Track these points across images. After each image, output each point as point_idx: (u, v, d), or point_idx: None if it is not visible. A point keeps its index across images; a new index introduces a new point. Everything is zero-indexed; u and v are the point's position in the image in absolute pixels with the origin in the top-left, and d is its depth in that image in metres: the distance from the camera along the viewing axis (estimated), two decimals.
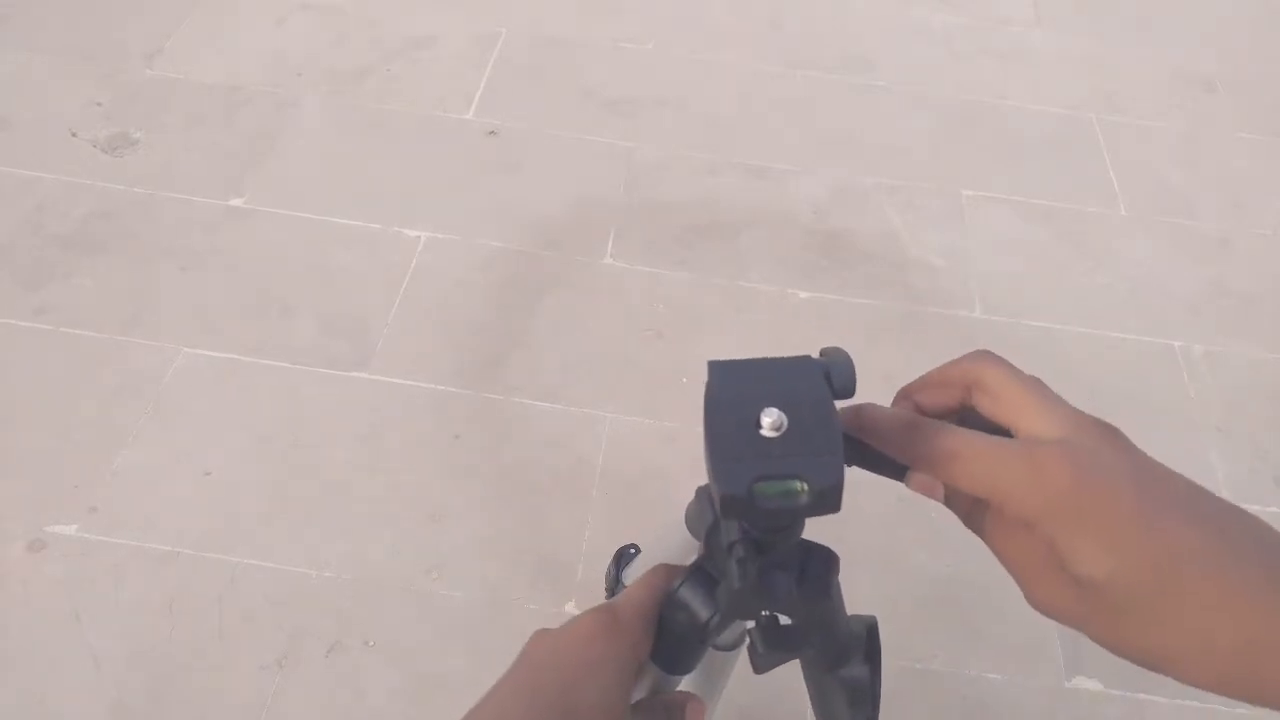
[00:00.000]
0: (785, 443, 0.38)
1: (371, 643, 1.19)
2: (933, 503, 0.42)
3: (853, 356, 0.42)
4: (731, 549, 0.43)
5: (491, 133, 1.87)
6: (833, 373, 0.41)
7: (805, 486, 0.37)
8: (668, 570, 0.50)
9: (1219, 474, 1.45)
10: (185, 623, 1.19)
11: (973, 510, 0.41)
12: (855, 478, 0.40)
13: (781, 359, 0.42)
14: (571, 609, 1.23)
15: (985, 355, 0.41)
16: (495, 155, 1.83)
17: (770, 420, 0.38)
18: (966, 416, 0.42)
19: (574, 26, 2.13)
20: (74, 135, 1.78)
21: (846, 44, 2.18)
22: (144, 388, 1.41)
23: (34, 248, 1.59)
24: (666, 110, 1.96)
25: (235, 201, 1.69)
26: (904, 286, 1.68)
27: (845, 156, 1.91)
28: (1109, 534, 0.35)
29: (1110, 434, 0.38)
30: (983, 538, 0.40)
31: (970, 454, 0.38)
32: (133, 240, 1.62)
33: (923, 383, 0.43)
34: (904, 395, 0.43)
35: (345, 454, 1.37)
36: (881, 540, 1.32)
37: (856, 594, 0.56)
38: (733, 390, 0.40)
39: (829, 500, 0.38)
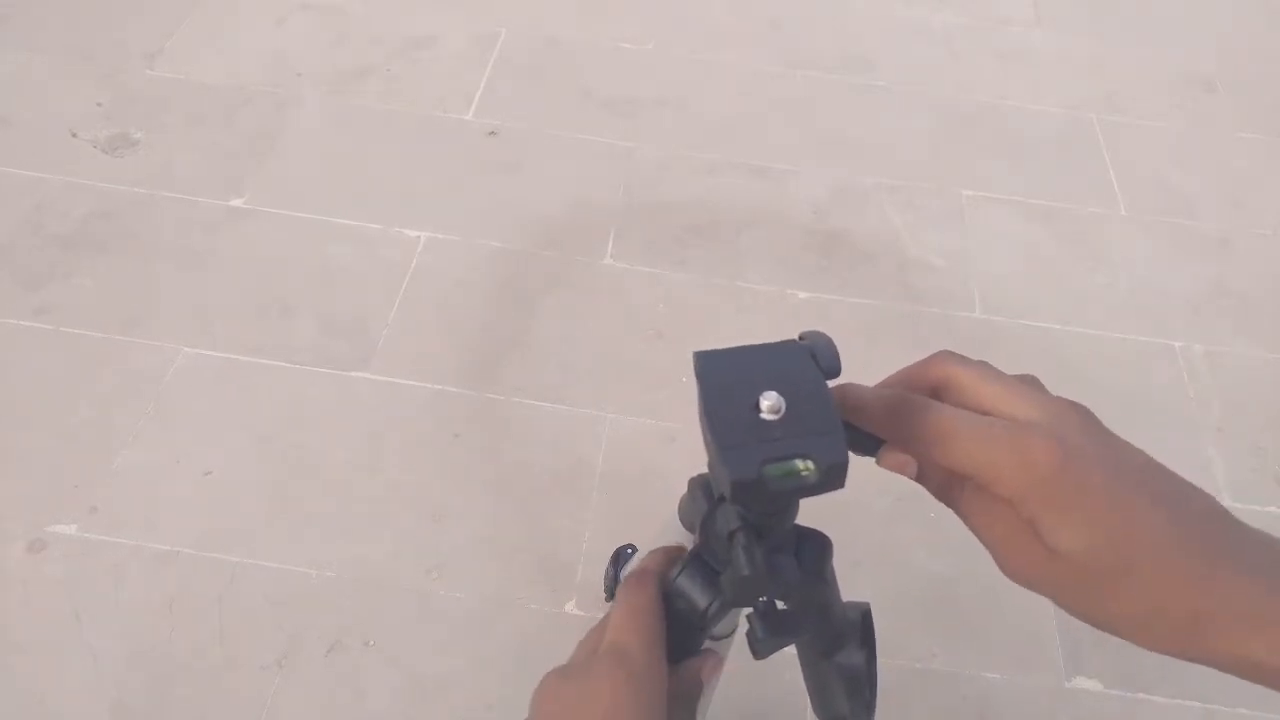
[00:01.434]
0: (786, 424, 0.39)
1: (371, 643, 1.19)
2: (932, 502, 0.42)
3: (853, 357, 0.43)
4: (733, 536, 0.43)
5: (491, 133, 1.87)
6: (817, 354, 0.42)
7: (812, 465, 0.38)
8: (660, 566, 0.50)
9: (1219, 474, 1.45)
10: (185, 623, 1.19)
11: (947, 484, 0.42)
12: (854, 477, 0.40)
13: (765, 345, 0.43)
14: (571, 609, 1.23)
15: (949, 355, 0.43)
16: (495, 155, 1.83)
17: (769, 403, 0.39)
18: None
19: (574, 26, 2.13)
20: (74, 135, 1.78)
21: (846, 44, 2.18)
22: (144, 388, 1.42)
23: (34, 248, 1.59)
24: (666, 110, 1.96)
25: (235, 201, 1.69)
26: (904, 286, 1.68)
27: (845, 156, 1.91)
28: (1086, 512, 0.37)
29: (1084, 416, 0.40)
30: (956, 510, 0.42)
31: (962, 433, 0.39)
32: (133, 240, 1.62)
33: (886, 385, 0.44)
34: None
35: (345, 454, 1.37)
36: (881, 539, 1.32)
37: (856, 594, 0.56)
38: (725, 378, 0.41)
39: (835, 477, 0.39)
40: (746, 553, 0.43)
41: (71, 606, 1.19)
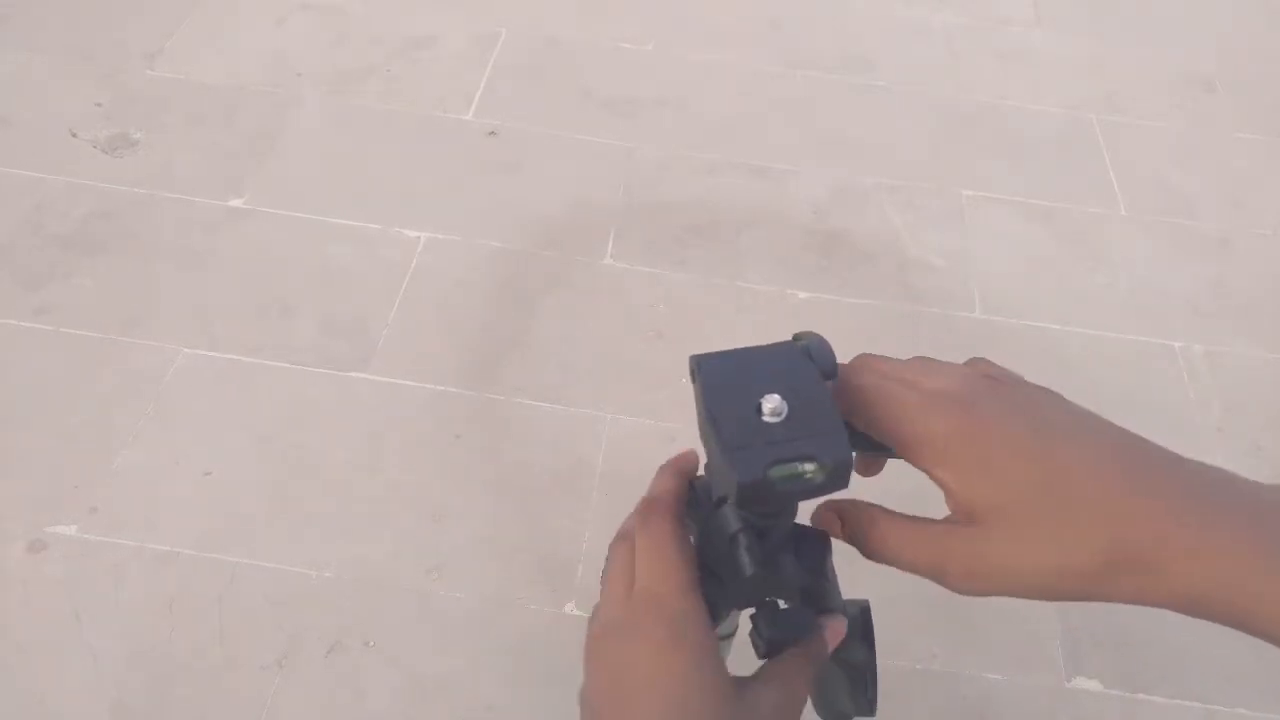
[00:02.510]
0: (789, 426, 0.39)
1: (371, 643, 1.19)
2: (933, 501, 0.42)
3: (852, 358, 0.43)
4: (735, 538, 0.43)
5: (491, 133, 1.87)
6: (813, 354, 0.42)
7: (818, 466, 0.38)
8: (673, 488, 0.48)
9: None
10: (185, 623, 1.19)
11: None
12: (854, 477, 0.40)
13: (762, 347, 0.43)
14: (571, 609, 1.23)
15: (865, 355, 0.45)
16: (495, 155, 1.83)
17: (771, 406, 0.39)
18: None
19: (574, 27, 2.13)
20: (74, 135, 1.78)
21: (846, 44, 2.18)
22: (144, 388, 1.42)
23: (34, 248, 1.59)
24: (666, 110, 1.96)
25: (235, 201, 1.69)
26: (904, 286, 1.68)
27: (845, 156, 1.91)
28: (995, 467, 0.38)
29: (991, 382, 0.41)
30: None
31: (876, 401, 0.41)
32: (133, 240, 1.62)
33: None
34: None
35: (345, 454, 1.37)
36: None
37: (857, 594, 0.56)
38: (725, 381, 0.41)
39: (841, 476, 0.39)
40: (750, 553, 0.43)
41: (71, 606, 1.19)
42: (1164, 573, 0.35)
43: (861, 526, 0.43)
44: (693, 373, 0.42)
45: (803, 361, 0.42)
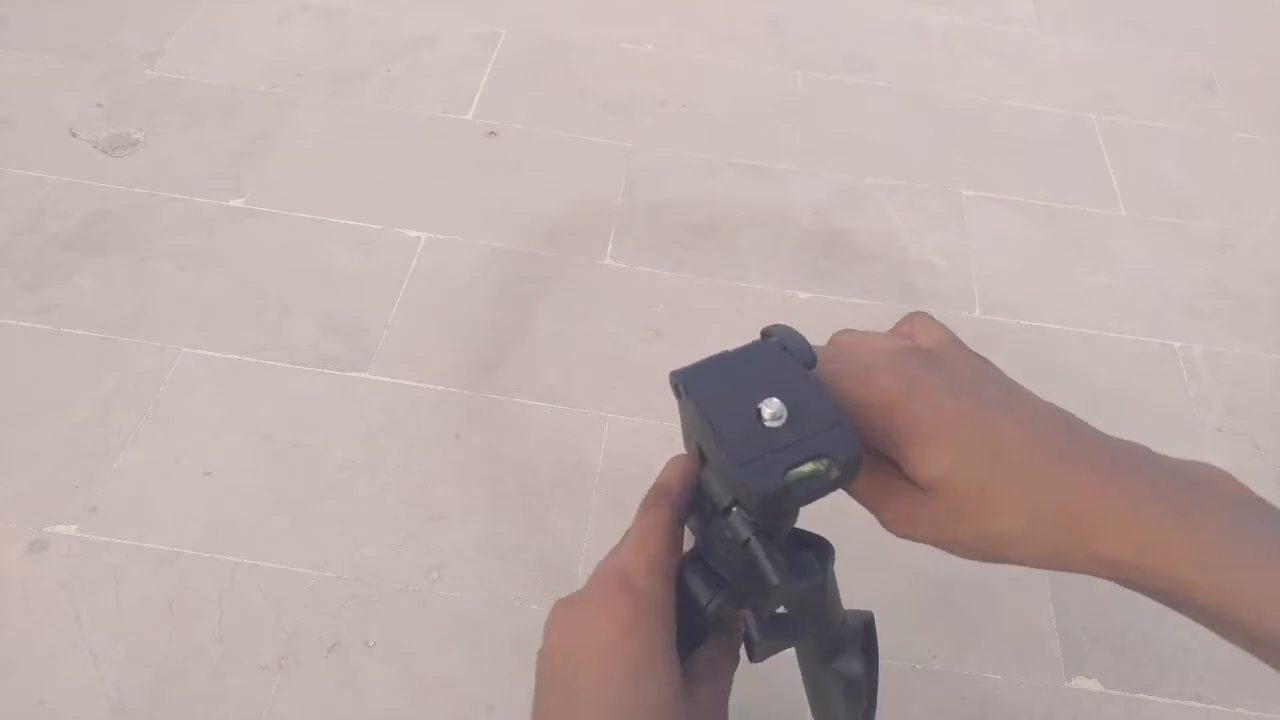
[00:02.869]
0: (793, 427, 0.39)
1: (371, 643, 1.19)
2: None
3: None
4: (748, 545, 0.43)
5: (491, 133, 1.87)
6: (789, 348, 0.42)
7: (831, 462, 0.38)
8: (678, 480, 0.48)
9: None
10: (185, 623, 1.19)
11: None
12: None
13: (737, 351, 0.43)
14: None
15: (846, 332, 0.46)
16: (495, 155, 1.83)
17: (771, 411, 0.39)
18: None
19: (574, 27, 2.13)
20: (74, 135, 1.78)
21: (847, 44, 2.18)
22: (144, 388, 1.42)
23: (34, 248, 1.59)
24: (666, 110, 1.96)
25: (235, 202, 1.69)
26: (904, 287, 1.68)
27: (845, 157, 1.91)
28: (940, 436, 0.39)
29: (928, 352, 0.42)
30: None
31: (823, 376, 0.42)
32: (133, 240, 1.62)
33: None
34: None
35: (345, 454, 1.37)
36: (881, 540, 1.32)
37: (857, 594, 0.56)
38: (716, 393, 0.41)
39: (854, 469, 0.39)
40: (770, 560, 0.43)
41: (71, 607, 1.19)
42: (1088, 539, 0.37)
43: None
44: (676, 389, 0.42)
45: (783, 357, 0.42)
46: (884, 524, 0.42)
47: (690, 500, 0.46)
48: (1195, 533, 0.35)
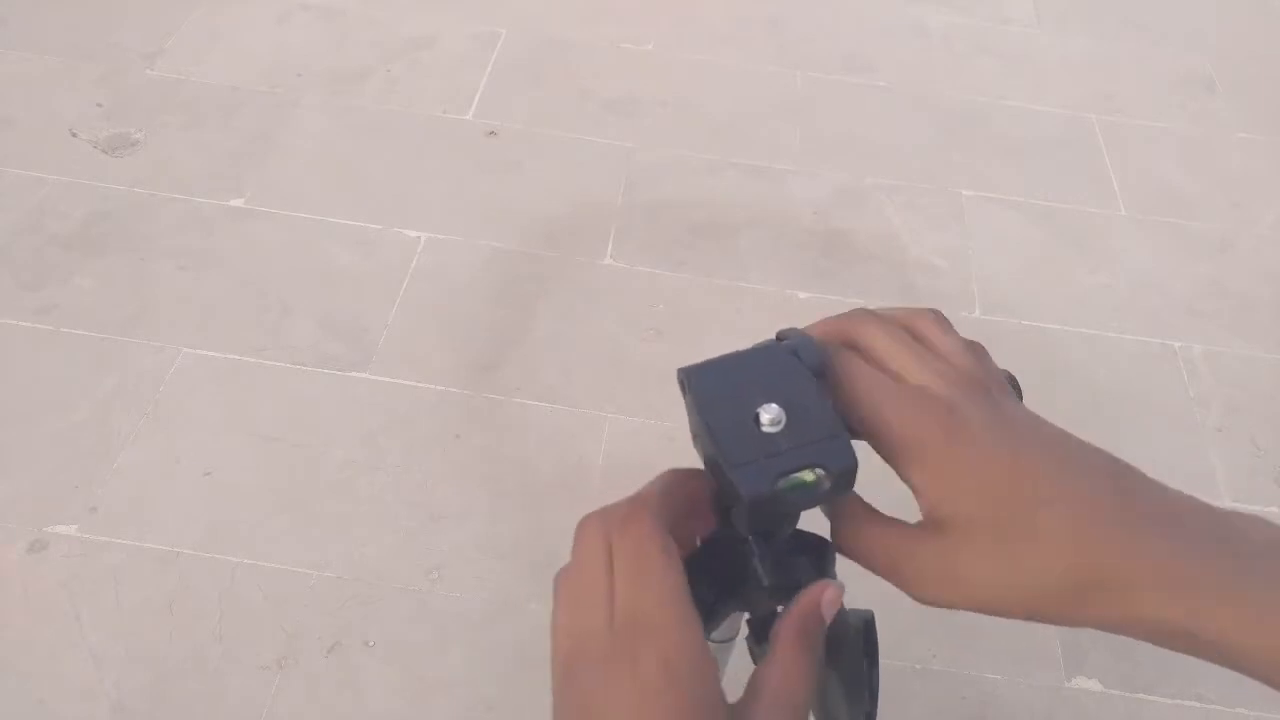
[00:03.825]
0: (790, 434, 0.38)
1: (371, 643, 1.19)
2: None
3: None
4: (747, 546, 0.43)
5: (491, 133, 1.87)
6: (800, 353, 0.41)
7: (825, 472, 0.38)
8: (661, 493, 0.43)
9: (1219, 474, 1.45)
10: (185, 623, 1.19)
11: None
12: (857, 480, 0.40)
13: (747, 352, 0.42)
14: None
15: (859, 314, 0.43)
16: (495, 155, 1.83)
17: (770, 416, 0.39)
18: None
19: (574, 27, 2.13)
20: (74, 135, 1.78)
21: (846, 44, 2.18)
22: (144, 388, 1.41)
23: (34, 248, 1.59)
24: (666, 110, 1.96)
25: (235, 201, 1.69)
26: (904, 287, 1.68)
27: (845, 156, 1.91)
28: (974, 476, 0.37)
29: (981, 388, 0.39)
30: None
31: (858, 388, 0.39)
32: (133, 240, 1.61)
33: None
34: None
35: (345, 454, 1.37)
36: None
37: (857, 594, 0.56)
38: (718, 393, 0.40)
39: (847, 481, 0.38)
40: (763, 563, 0.42)
41: (71, 606, 1.19)
42: (1130, 601, 0.35)
43: (836, 516, 0.41)
44: (682, 386, 0.42)
45: (792, 363, 0.41)
46: (912, 589, 0.39)
47: (678, 509, 0.45)
48: (1249, 599, 0.33)
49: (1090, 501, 0.36)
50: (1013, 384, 0.43)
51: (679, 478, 0.44)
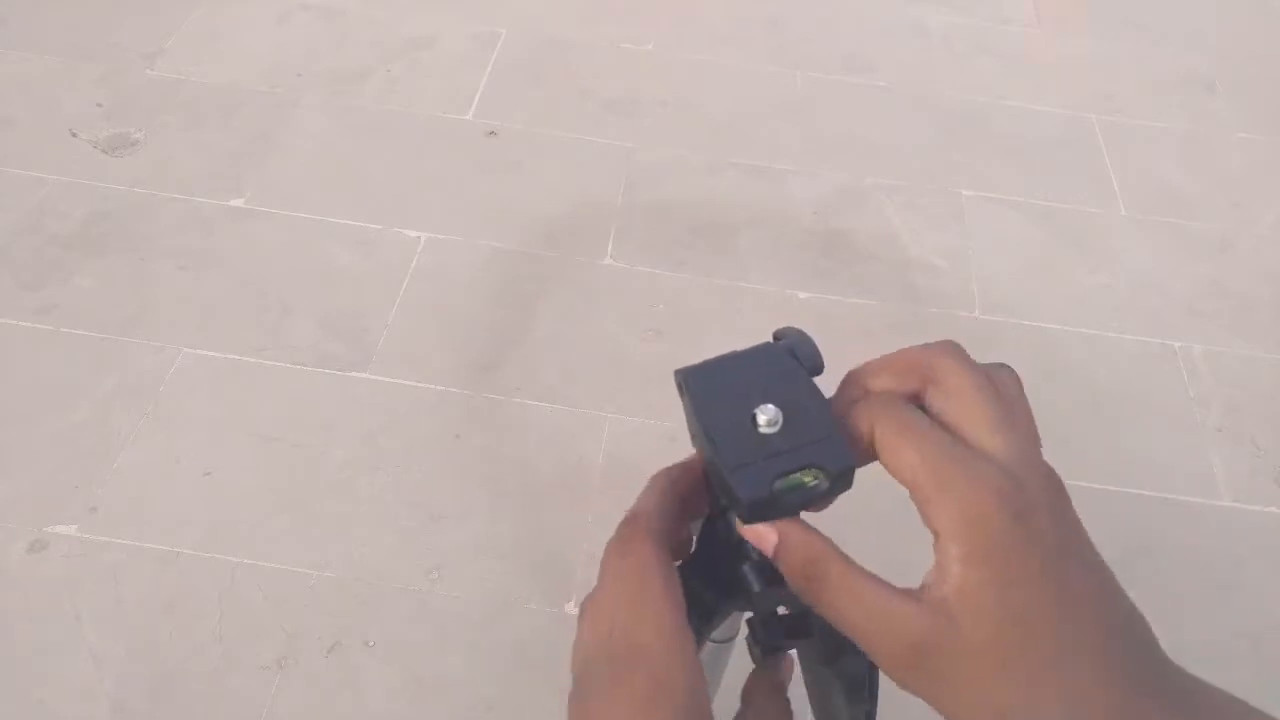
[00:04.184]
0: (787, 435, 0.38)
1: (371, 643, 1.19)
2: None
3: (853, 357, 0.42)
4: (740, 549, 0.43)
5: (491, 133, 1.87)
6: (797, 353, 0.41)
7: (822, 473, 0.38)
8: (656, 506, 0.43)
9: (1219, 474, 1.45)
10: (185, 623, 1.19)
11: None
12: (855, 478, 0.40)
13: (744, 352, 0.42)
14: (571, 609, 1.23)
15: (948, 349, 0.38)
16: (495, 155, 1.83)
17: (766, 417, 0.39)
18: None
19: (574, 27, 2.13)
20: (74, 135, 1.78)
21: (846, 44, 2.18)
22: (144, 388, 1.41)
23: (34, 248, 1.59)
24: (666, 110, 1.96)
25: (235, 201, 1.69)
26: (904, 287, 1.68)
27: (845, 157, 1.91)
28: (1012, 578, 0.33)
29: (1055, 481, 0.35)
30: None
31: (917, 444, 0.35)
32: (133, 240, 1.61)
33: (879, 367, 0.39)
34: (854, 381, 0.40)
35: (345, 454, 1.37)
36: (881, 540, 1.32)
37: None
38: (715, 394, 0.40)
39: (845, 482, 0.38)
40: (756, 569, 0.42)
41: (72, 607, 1.19)
42: None
43: (808, 567, 0.37)
44: (680, 388, 0.42)
45: (789, 363, 0.41)
46: (886, 663, 0.36)
47: (675, 518, 0.44)
48: None
49: (1098, 667, 0.33)
50: (1011, 376, 0.42)
51: (670, 479, 0.44)
